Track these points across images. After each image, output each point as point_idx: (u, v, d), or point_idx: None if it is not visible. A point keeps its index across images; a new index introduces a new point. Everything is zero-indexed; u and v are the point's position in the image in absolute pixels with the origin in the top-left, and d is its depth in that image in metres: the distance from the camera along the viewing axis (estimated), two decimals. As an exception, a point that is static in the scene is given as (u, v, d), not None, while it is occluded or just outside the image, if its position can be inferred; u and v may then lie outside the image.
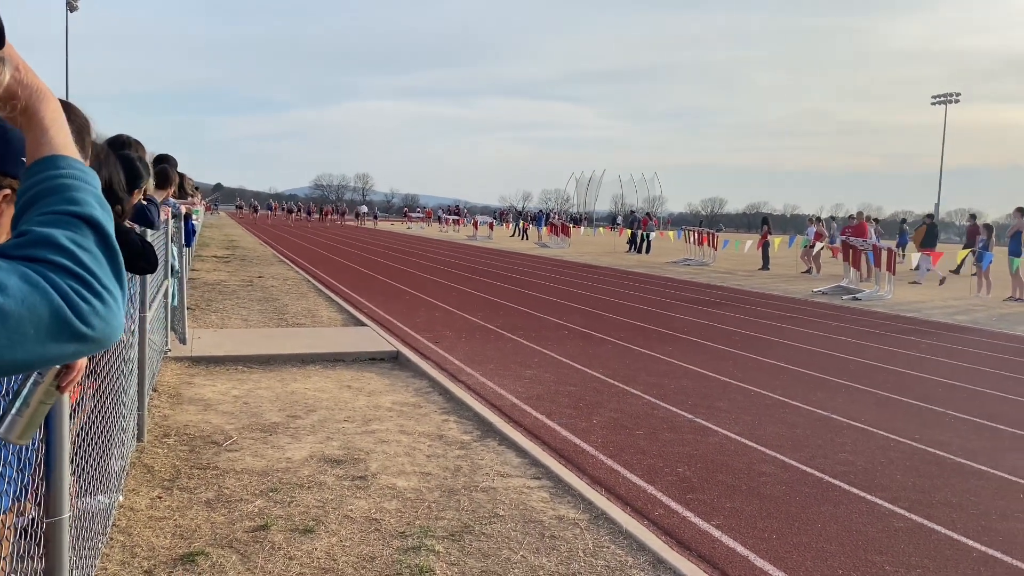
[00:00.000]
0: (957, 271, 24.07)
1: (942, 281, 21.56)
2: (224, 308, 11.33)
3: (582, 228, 50.49)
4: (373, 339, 8.98)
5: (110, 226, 0.96)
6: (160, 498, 4.10)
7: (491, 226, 51.24)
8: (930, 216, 28.65)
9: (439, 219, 63.59)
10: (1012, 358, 9.84)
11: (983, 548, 3.91)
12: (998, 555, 3.83)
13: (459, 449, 5.18)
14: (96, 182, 1.01)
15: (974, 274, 19.74)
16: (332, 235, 39.73)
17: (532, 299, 14.18)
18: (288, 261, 21.02)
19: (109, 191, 2.52)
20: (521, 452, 5.13)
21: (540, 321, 11.31)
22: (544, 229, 44.26)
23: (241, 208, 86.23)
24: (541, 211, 69.41)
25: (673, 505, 4.31)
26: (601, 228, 49.62)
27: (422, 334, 9.56)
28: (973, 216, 27.24)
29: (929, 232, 26.79)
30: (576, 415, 6.11)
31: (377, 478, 4.54)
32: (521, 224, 51.83)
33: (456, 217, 61.26)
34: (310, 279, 16.05)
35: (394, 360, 8.12)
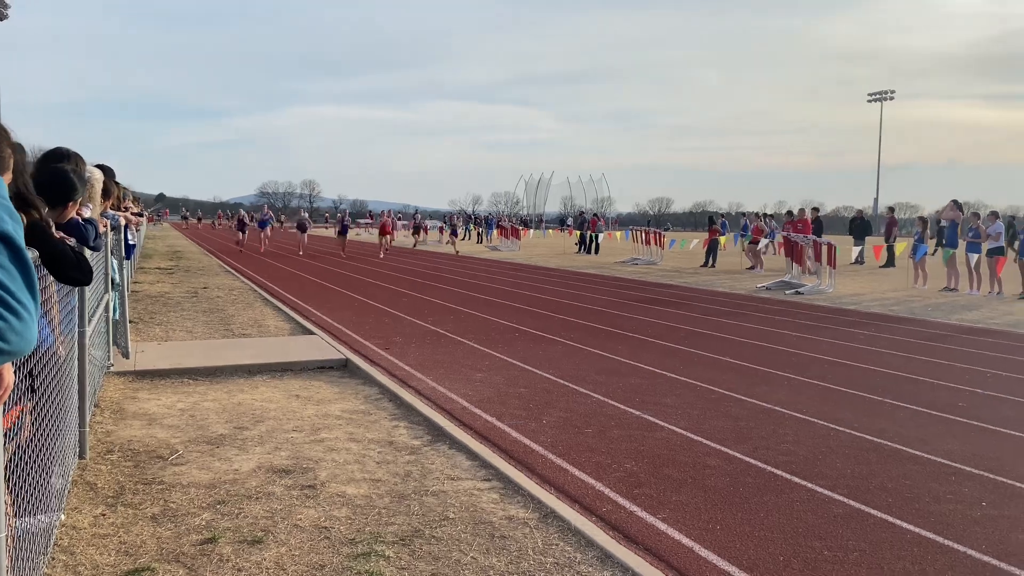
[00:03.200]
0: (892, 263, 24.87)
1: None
2: (168, 320, 11.13)
3: (531, 230, 50.71)
4: (321, 347, 8.92)
5: (21, 238, 0.96)
6: (104, 515, 4.03)
7: (440, 230, 51.15)
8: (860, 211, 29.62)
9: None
10: (946, 346, 10.19)
11: (917, 530, 4.06)
12: (931, 536, 3.98)
13: (409, 454, 5.19)
14: (3, 191, 1.01)
15: (884, 265, 20.38)
16: (278, 243, 39.20)
17: (483, 302, 14.22)
18: (234, 271, 20.71)
19: (19, 198, 2.47)
20: (471, 455, 5.16)
21: (491, 324, 11.35)
22: (494, 232, 44.35)
23: (187, 219, 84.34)
24: (491, 214, 69.47)
25: (621, 501, 4.38)
26: (551, 230, 49.91)
27: (371, 341, 9.53)
28: (890, 209, 28.25)
29: (860, 226, 27.56)
30: (526, 416, 6.16)
31: (326, 486, 4.52)
32: (472, 228, 51.86)
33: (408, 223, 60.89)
34: (256, 288, 15.85)
35: (343, 368, 8.08)
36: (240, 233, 32.06)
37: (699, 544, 3.81)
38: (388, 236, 29.92)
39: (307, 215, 37.58)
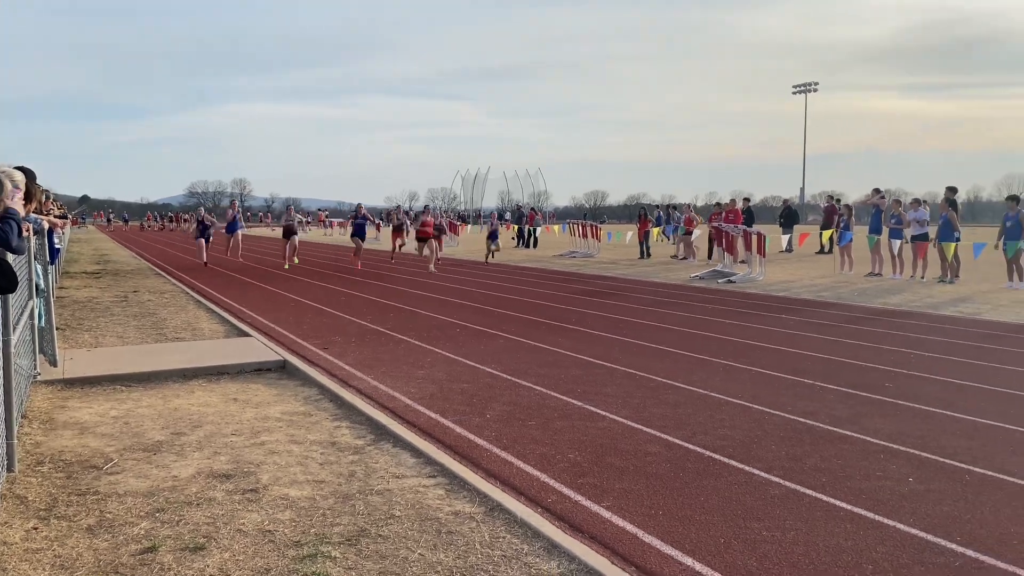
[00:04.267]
0: (827, 251, 25.63)
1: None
2: (97, 326, 10.79)
3: (469, 225, 50.62)
4: (258, 349, 8.77)
5: None
6: (36, 529, 3.91)
7: (378, 227, 50.65)
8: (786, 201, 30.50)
9: (322, 222, 62.18)
10: (872, 329, 10.57)
11: (849, 507, 4.22)
12: (863, 512, 4.14)
13: (353, 454, 5.15)
14: None
15: (827, 251, 21.09)
16: (254, 251, 38.29)
17: (423, 299, 14.16)
18: (164, 273, 20.18)
19: None
20: (416, 452, 5.16)
21: (431, 321, 11.32)
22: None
23: (110, 221, 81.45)
24: (428, 209, 69.02)
25: (565, 491, 4.44)
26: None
27: (310, 341, 9.41)
28: (831, 197, 29.08)
29: (788, 215, 28.32)
30: (470, 411, 6.17)
31: (269, 489, 4.47)
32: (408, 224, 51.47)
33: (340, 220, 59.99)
34: (189, 291, 15.47)
35: (281, 369, 7.96)
36: (203, 241, 22.95)
37: (642, 530, 3.89)
38: (427, 239, 22.62)
39: (297, 214, 26.41)
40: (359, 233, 22.73)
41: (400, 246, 28.78)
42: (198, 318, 11.58)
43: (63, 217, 13.09)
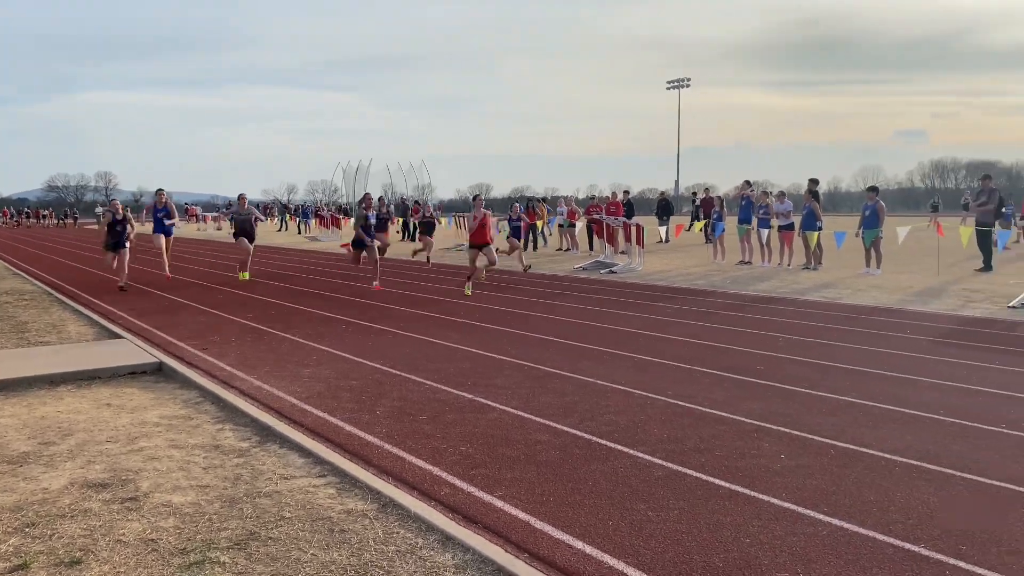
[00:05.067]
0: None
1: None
2: (-52, 332, 9.99)
3: (352, 219, 49.86)
4: (131, 352, 8.37)
5: None
6: None
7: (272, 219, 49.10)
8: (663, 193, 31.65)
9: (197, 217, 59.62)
10: (743, 315, 11.12)
11: (728, 484, 4.45)
12: (740, 489, 4.38)
13: (238, 457, 5.01)
14: None
15: (709, 241, 22.10)
16: (71, 240, 36.11)
17: (306, 295, 13.86)
18: (24, 273, 18.88)
19: None
20: (304, 452, 5.07)
21: (316, 317, 11.10)
22: (313, 222, 43.14)
23: None
24: (307, 203, 67.48)
25: (458, 483, 4.48)
26: (372, 218, 49.26)
27: (187, 342, 9.05)
28: (707, 189, 30.36)
29: (664, 206, 29.38)
30: (359, 408, 6.12)
31: (150, 497, 4.29)
32: (287, 218, 50.17)
33: (216, 214, 57.59)
34: (52, 291, 14.55)
35: (157, 372, 7.63)
36: (112, 253, 14.86)
37: (534, 517, 3.98)
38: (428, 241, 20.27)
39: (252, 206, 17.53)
40: (245, 233, 16.61)
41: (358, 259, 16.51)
42: (64, 320, 10.92)
43: None
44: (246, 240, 16.60)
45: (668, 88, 75.92)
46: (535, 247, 26.60)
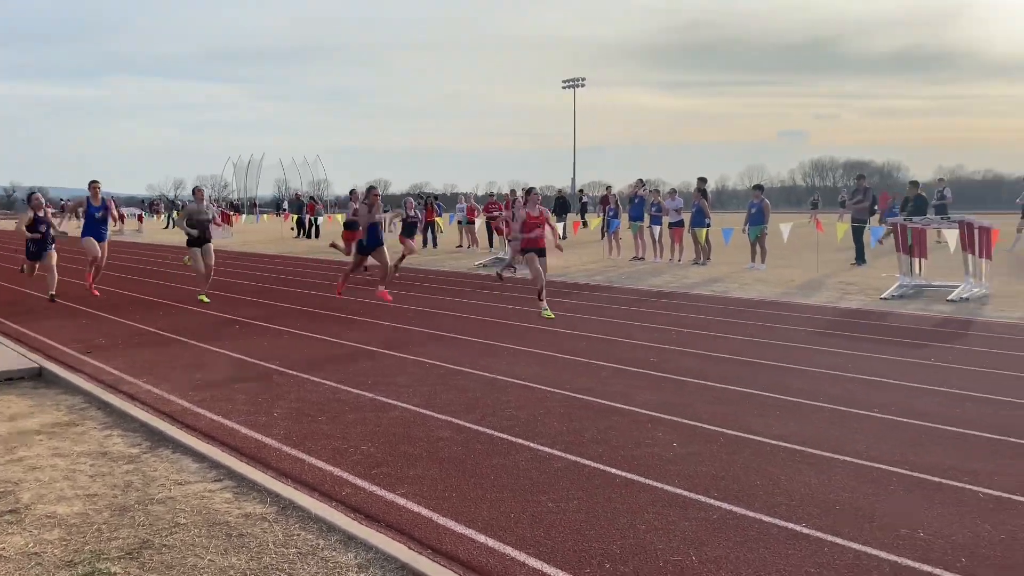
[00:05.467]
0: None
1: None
2: None
3: (244, 215, 48.34)
4: (6, 356, 7.90)
5: None
6: None
7: (140, 218, 47.08)
8: (581, 190, 32.14)
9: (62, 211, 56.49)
10: (638, 309, 11.46)
11: (624, 473, 4.60)
12: (636, 477, 4.54)
13: (127, 464, 4.83)
14: None
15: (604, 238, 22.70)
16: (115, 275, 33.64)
17: (196, 295, 13.38)
18: None
19: None
20: (199, 456, 4.93)
21: (207, 318, 10.75)
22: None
23: None
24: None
25: (360, 482, 4.46)
26: (265, 215, 47.93)
27: (70, 345, 8.61)
28: (608, 187, 31.07)
29: (561, 204, 29.86)
30: (255, 410, 5.98)
31: (32, 509, 4.09)
32: (176, 214, 48.21)
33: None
34: (-86, 294, 13.53)
35: (37, 377, 7.24)
36: (35, 262, 12.42)
37: (437, 513, 4.01)
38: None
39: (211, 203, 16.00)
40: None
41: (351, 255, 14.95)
42: (-72, 325, 10.18)
43: None
44: (199, 252, 12.44)
45: (564, 87, 76.95)
46: (435, 244, 26.54)
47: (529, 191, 11.33)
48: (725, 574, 3.36)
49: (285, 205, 49.56)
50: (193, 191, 13.07)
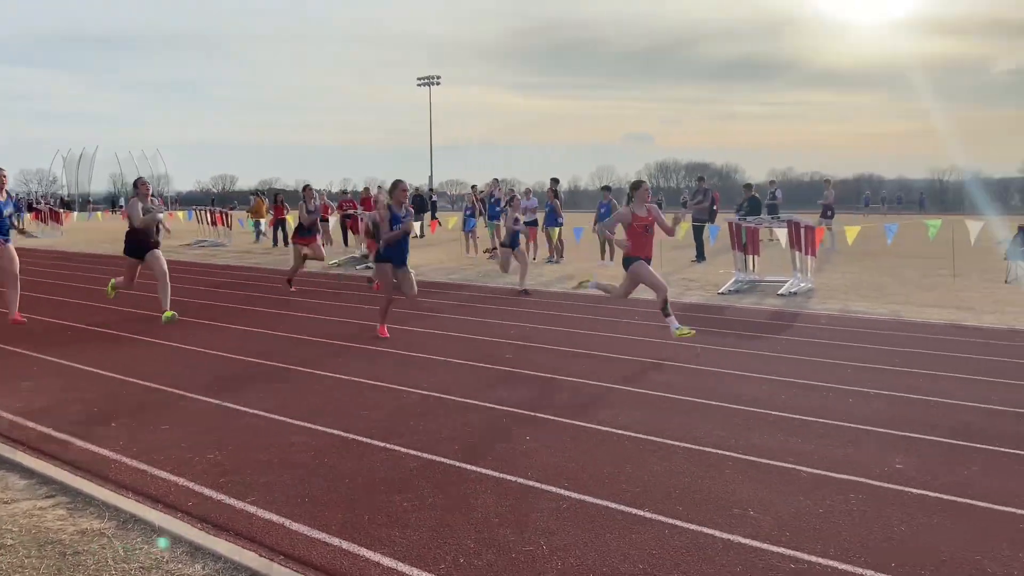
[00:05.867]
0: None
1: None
2: None
3: (75, 213, 45.14)
4: None
5: None
6: None
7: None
8: (429, 188, 32.07)
9: None
10: (495, 307, 11.63)
11: (478, 469, 4.68)
12: (489, 472, 4.63)
13: (-57, 484, 4.44)
14: None
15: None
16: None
17: (26, 300, 12.38)
18: None
19: None
20: (26, 472, 4.61)
21: (39, 324, 9.99)
22: (28, 216, 38.50)
23: None
24: (18, 195, 60.00)
25: (207, 492, 4.31)
26: (99, 213, 44.94)
27: None
28: (474, 187, 31.32)
29: (419, 202, 29.81)
30: (90, 422, 5.64)
31: None
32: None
33: None
34: None
35: None
36: None
37: (289, 519, 3.94)
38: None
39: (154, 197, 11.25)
40: (145, 243, 10.42)
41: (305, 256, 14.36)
42: None
43: None
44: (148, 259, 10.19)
45: (419, 85, 76.53)
46: (286, 243, 25.79)
47: (639, 184, 8.61)
48: (573, 560, 3.51)
49: (122, 202, 46.61)
50: (136, 183, 10.57)
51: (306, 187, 14.60)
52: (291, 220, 26.44)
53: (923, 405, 6.19)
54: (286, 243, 25.75)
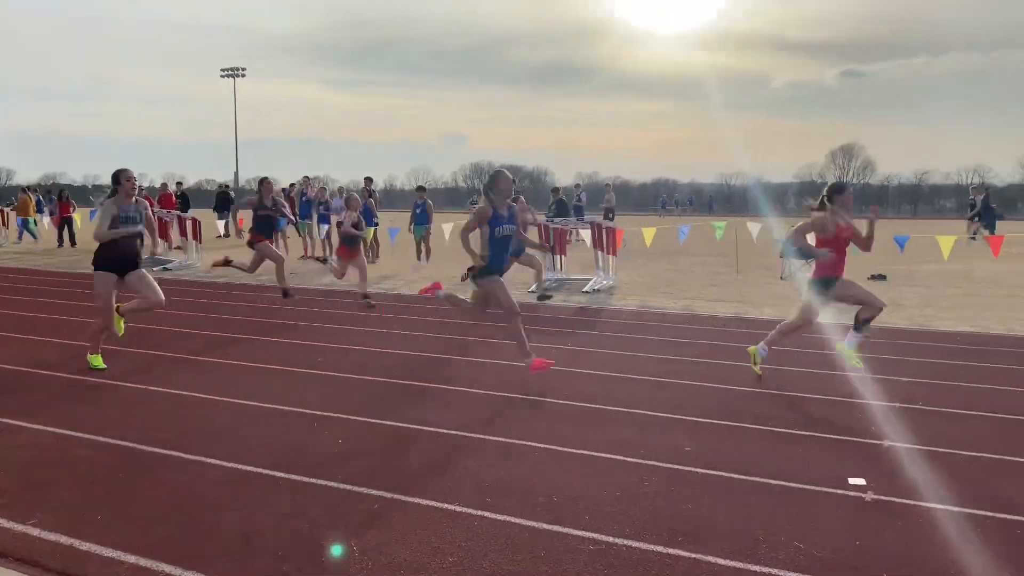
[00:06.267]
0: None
1: None
2: None
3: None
4: None
5: None
6: None
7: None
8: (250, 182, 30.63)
9: None
10: (307, 309, 11.36)
11: (288, 475, 4.59)
12: (300, 477, 4.56)
13: None
14: None
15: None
16: None
17: None
18: None
19: None
20: None
21: None
22: None
23: None
24: None
25: (-18, 517, 3.93)
26: None
27: None
28: (293, 184, 30.19)
29: (224, 199, 28.53)
30: None
31: None
32: None
33: None
34: None
35: None
36: None
37: (79, 539, 3.69)
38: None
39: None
40: (127, 258, 7.47)
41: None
42: None
43: None
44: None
45: (223, 76, 72.76)
46: (73, 243, 23.77)
47: (843, 187, 6.99)
48: (384, 560, 3.55)
49: None
50: (116, 176, 7.26)
51: (263, 180, 12.50)
52: (77, 218, 24.43)
53: (712, 392, 6.76)
54: (72, 243, 23.73)
